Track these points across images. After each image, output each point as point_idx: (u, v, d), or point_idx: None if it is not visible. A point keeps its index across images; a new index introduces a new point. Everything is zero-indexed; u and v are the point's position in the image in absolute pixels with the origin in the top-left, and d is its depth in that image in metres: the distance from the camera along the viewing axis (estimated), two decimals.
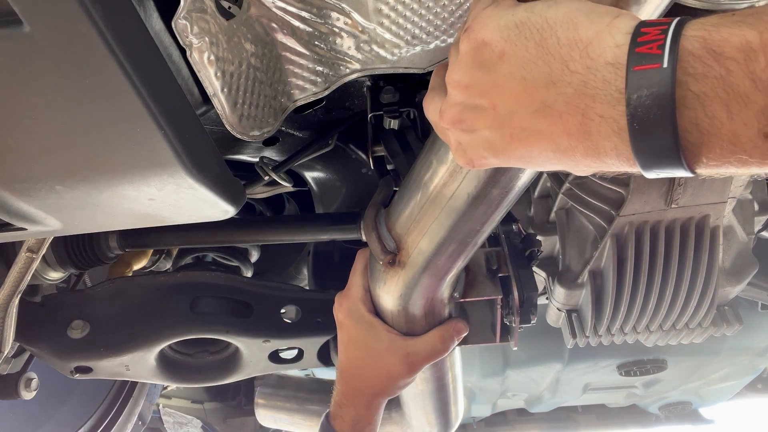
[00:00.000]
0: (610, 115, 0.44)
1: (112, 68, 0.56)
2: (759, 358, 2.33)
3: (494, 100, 0.50)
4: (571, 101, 0.46)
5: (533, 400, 2.67)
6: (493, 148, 0.53)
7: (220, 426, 3.27)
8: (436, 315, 1.02)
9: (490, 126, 0.52)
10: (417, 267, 0.93)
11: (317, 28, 0.82)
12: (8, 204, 0.74)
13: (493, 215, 0.83)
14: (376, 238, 0.95)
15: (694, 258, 1.18)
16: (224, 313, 1.52)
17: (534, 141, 0.50)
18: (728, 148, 0.41)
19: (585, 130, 0.46)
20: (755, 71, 0.38)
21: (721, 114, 0.40)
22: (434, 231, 0.87)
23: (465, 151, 0.56)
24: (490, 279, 1.06)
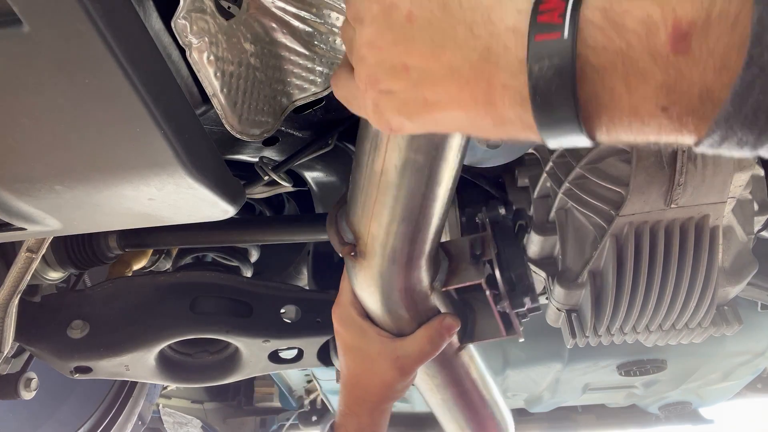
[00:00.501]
0: (512, 85, 0.44)
1: (111, 68, 0.56)
2: (759, 358, 2.33)
3: (406, 62, 0.49)
4: (477, 67, 0.45)
5: (533, 400, 2.67)
6: (408, 111, 0.52)
7: (220, 426, 3.27)
8: (420, 308, 1.00)
9: (405, 88, 0.51)
10: (376, 255, 0.90)
11: (317, 28, 0.82)
12: (8, 204, 0.74)
13: (431, 186, 0.79)
14: (334, 232, 0.94)
15: (693, 258, 1.18)
16: (224, 313, 1.52)
17: (446, 107, 0.49)
18: (627, 119, 0.41)
19: (490, 100, 0.46)
20: (655, 46, 0.38)
21: (620, 88, 0.40)
22: (379, 212, 0.84)
23: (382, 114, 0.55)
24: (473, 264, 1.02)
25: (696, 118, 0.39)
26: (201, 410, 3.24)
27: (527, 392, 2.59)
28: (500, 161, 1.22)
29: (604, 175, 1.16)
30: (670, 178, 1.07)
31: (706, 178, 1.07)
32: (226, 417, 3.26)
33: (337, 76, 0.63)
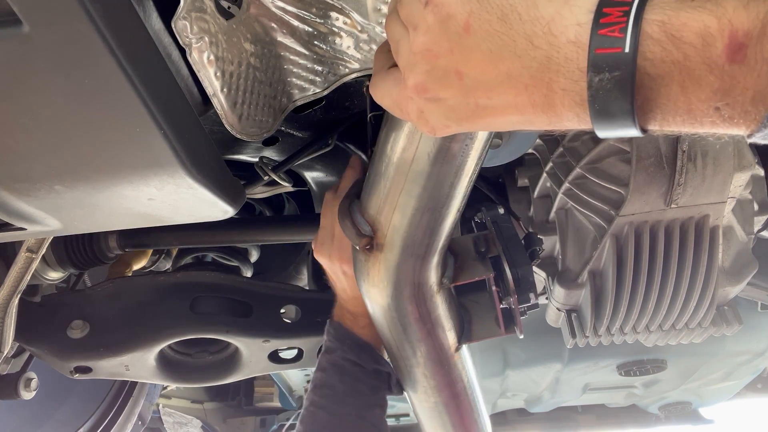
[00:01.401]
0: (572, 89, 0.45)
1: (111, 68, 0.56)
2: (759, 358, 2.33)
3: (461, 69, 0.50)
4: (536, 75, 0.47)
5: (533, 400, 2.67)
6: (457, 117, 0.54)
7: (219, 426, 3.27)
8: (427, 305, 1.00)
9: (456, 95, 0.52)
10: (396, 247, 0.90)
11: (317, 28, 0.82)
12: (8, 204, 0.74)
13: (459, 174, 0.80)
14: (350, 224, 0.93)
15: (693, 258, 1.18)
16: (224, 313, 1.52)
17: (499, 111, 0.51)
18: (681, 117, 0.43)
19: (549, 102, 0.47)
20: (711, 57, 0.40)
21: (676, 92, 0.42)
22: (404, 202, 0.84)
23: (428, 120, 0.56)
24: (479, 260, 1.03)
25: (747, 119, 0.41)
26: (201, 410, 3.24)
27: (527, 392, 2.59)
28: (500, 161, 1.22)
29: (604, 175, 1.16)
30: (670, 178, 1.07)
31: (706, 178, 1.07)
32: (226, 417, 3.26)
33: (378, 81, 0.63)
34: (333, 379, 1.11)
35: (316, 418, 1.09)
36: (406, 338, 1.06)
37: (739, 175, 1.10)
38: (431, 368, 1.14)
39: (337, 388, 1.10)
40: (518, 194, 1.45)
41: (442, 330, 1.07)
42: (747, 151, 1.12)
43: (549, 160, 1.28)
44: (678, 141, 1.05)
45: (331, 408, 1.09)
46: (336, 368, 1.11)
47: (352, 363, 1.11)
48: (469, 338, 1.11)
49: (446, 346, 1.10)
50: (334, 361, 1.12)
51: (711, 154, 1.06)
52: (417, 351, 1.08)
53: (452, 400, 1.21)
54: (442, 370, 1.14)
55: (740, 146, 1.10)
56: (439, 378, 1.16)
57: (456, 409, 1.23)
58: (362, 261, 0.96)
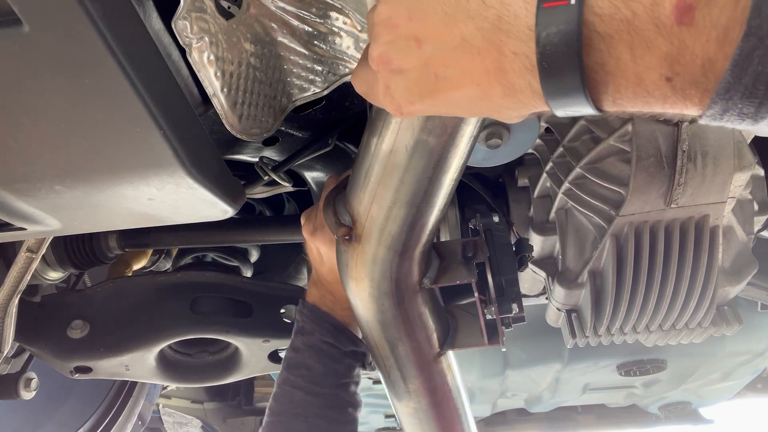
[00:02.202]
0: (522, 51, 0.45)
1: (111, 68, 0.56)
2: (759, 358, 2.33)
3: (420, 36, 0.50)
4: (488, 36, 0.46)
5: (533, 400, 2.67)
6: (419, 91, 0.53)
7: (220, 426, 3.26)
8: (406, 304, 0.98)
9: (416, 65, 0.51)
10: (372, 240, 0.89)
11: (316, 28, 0.82)
12: (8, 204, 0.74)
13: (438, 170, 0.79)
14: (331, 213, 0.93)
15: (693, 258, 1.18)
16: (224, 313, 1.52)
17: (457, 82, 0.50)
18: (632, 89, 0.42)
19: (501, 67, 0.46)
20: (660, 17, 0.39)
21: (625, 56, 0.41)
22: (382, 194, 0.84)
23: (393, 96, 0.56)
24: (464, 265, 1.01)
25: (699, 90, 0.40)
26: (201, 410, 3.24)
27: (527, 392, 2.59)
28: (500, 161, 1.23)
29: (604, 175, 1.16)
30: (670, 178, 1.07)
31: (706, 178, 1.07)
32: (226, 417, 3.25)
33: (356, 70, 0.63)
34: (309, 360, 1.12)
35: (292, 397, 1.10)
36: (384, 336, 1.05)
37: (739, 175, 1.10)
38: (410, 371, 1.11)
39: (314, 368, 1.11)
40: (518, 194, 1.45)
41: (422, 332, 1.05)
42: (747, 151, 1.12)
43: (549, 160, 1.28)
44: (678, 141, 1.05)
45: (307, 388, 1.10)
46: (313, 350, 1.12)
47: (329, 345, 1.12)
48: (452, 345, 1.10)
49: (426, 350, 1.08)
50: (311, 342, 1.13)
51: (711, 154, 1.06)
52: (395, 351, 1.07)
53: (433, 408, 1.18)
54: (422, 375, 1.12)
55: (740, 146, 1.10)
56: (419, 383, 1.13)
57: (437, 418, 1.19)
58: (342, 252, 0.96)
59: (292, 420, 1.09)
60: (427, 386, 1.14)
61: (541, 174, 1.33)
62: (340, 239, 0.93)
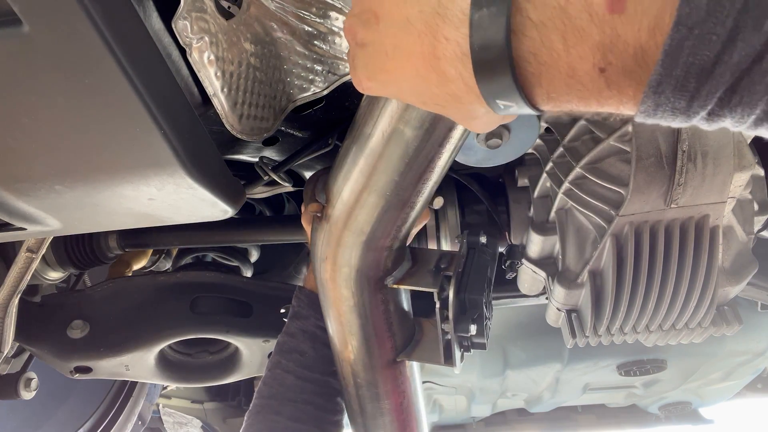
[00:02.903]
0: (454, 37, 0.44)
1: (111, 68, 0.56)
2: (759, 358, 2.33)
3: (377, 11, 0.50)
4: (428, 20, 0.45)
5: (533, 400, 2.67)
6: (373, 66, 0.53)
7: (219, 426, 3.26)
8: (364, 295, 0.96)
9: (374, 40, 0.52)
10: (340, 221, 0.89)
11: (316, 28, 0.82)
12: (8, 204, 0.74)
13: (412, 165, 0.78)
14: (310, 189, 0.94)
15: (693, 258, 1.18)
16: (224, 313, 1.52)
17: (401, 62, 0.49)
18: (566, 81, 0.41)
19: (434, 53, 0.46)
20: (593, 4, 0.38)
21: (558, 45, 0.40)
22: (355, 178, 0.84)
23: (356, 69, 0.56)
24: (431, 273, 0.99)
25: (633, 82, 0.39)
26: (201, 410, 3.24)
27: (527, 392, 2.59)
28: (500, 161, 1.23)
29: (604, 175, 1.16)
30: (670, 178, 1.07)
31: (706, 178, 1.07)
32: (226, 417, 3.25)
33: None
34: (304, 345, 1.13)
35: (283, 381, 1.11)
36: (339, 325, 1.03)
37: (739, 175, 1.10)
38: (361, 371, 1.09)
39: (307, 353, 1.12)
40: (518, 194, 1.45)
41: (379, 331, 1.04)
42: (747, 151, 1.12)
43: (549, 160, 1.28)
44: (678, 141, 1.05)
45: (299, 372, 1.11)
46: (307, 335, 1.14)
47: (324, 330, 1.12)
48: (408, 355, 1.08)
49: (379, 353, 1.06)
50: (306, 327, 1.14)
51: (711, 154, 1.06)
52: (348, 343, 1.05)
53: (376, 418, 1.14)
54: (372, 378, 1.09)
55: (740, 146, 1.10)
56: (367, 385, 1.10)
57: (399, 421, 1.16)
58: (314, 229, 0.96)
59: (281, 404, 1.09)
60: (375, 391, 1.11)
61: (541, 174, 1.33)
62: (311, 215, 0.93)
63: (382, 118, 0.75)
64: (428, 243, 1.48)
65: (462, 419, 2.93)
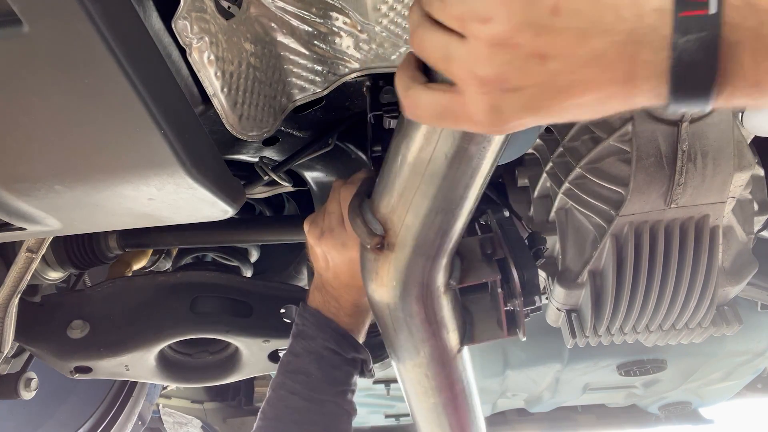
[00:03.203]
0: (654, 60, 0.46)
1: (111, 68, 0.56)
2: (759, 358, 2.33)
3: (546, 52, 0.49)
4: (620, 49, 0.47)
5: (533, 400, 2.67)
6: (534, 104, 0.52)
7: (219, 426, 3.27)
8: (434, 306, 0.99)
9: (537, 81, 0.51)
10: (407, 247, 0.89)
11: (316, 28, 0.82)
12: (8, 204, 0.74)
13: (474, 176, 0.80)
14: (362, 223, 0.92)
15: (693, 258, 1.18)
16: (224, 313, 1.52)
17: (579, 92, 0.50)
18: (749, 90, 0.45)
19: (630, 77, 0.48)
20: None
21: (748, 61, 0.44)
22: (418, 203, 0.84)
23: (501, 113, 0.54)
24: (486, 262, 1.02)
25: None
26: (201, 410, 3.24)
27: (527, 392, 2.59)
28: (501, 161, 1.22)
29: (604, 175, 1.16)
30: (670, 178, 1.07)
31: (706, 178, 1.07)
32: (226, 417, 3.25)
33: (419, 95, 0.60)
34: (310, 366, 1.10)
35: (289, 403, 1.09)
36: (411, 339, 1.06)
37: (739, 175, 1.10)
38: (434, 369, 1.13)
39: (314, 375, 1.10)
40: (518, 194, 1.45)
41: (446, 331, 1.06)
42: (747, 151, 1.12)
43: (549, 160, 1.28)
44: (678, 141, 1.05)
45: (305, 394, 1.09)
46: (313, 355, 1.11)
47: (331, 351, 1.11)
48: (472, 340, 1.11)
49: (449, 348, 1.09)
50: (312, 348, 1.12)
51: (711, 154, 1.06)
52: (421, 351, 1.08)
53: (451, 402, 1.20)
54: (443, 371, 1.13)
55: (740, 146, 1.10)
56: (441, 379, 1.15)
57: (454, 410, 1.22)
58: (371, 260, 0.96)
59: (286, 426, 1.08)
60: (447, 381, 1.16)
61: (541, 174, 1.33)
62: (372, 249, 0.93)
63: (444, 140, 0.75)
64: None
65: None
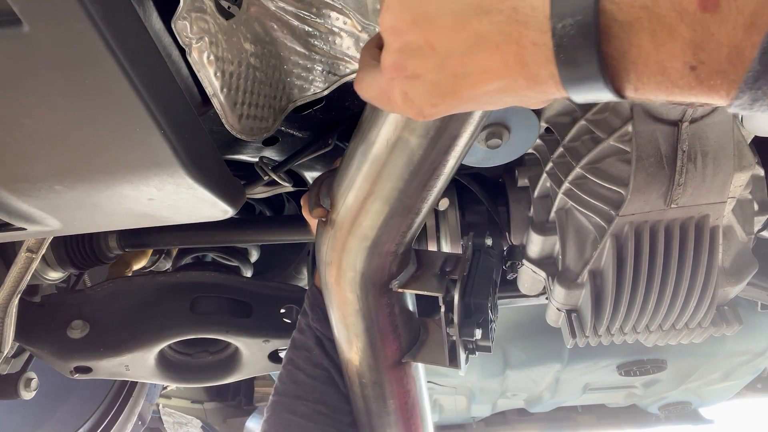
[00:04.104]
0: (542, 41, 0.43)
1: (111, 68, 0.56)
2: (759, 358, 2.33)
3: (430, 39, 0.49)
4: (505, 30, 0.45)
5: (533, 400, 2.67)
6: (440, 92, 0.52)
7: (219, 426, 3.27)
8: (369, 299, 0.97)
9: (433, 68, 0.50)
10: (345, 227, 0.89)
11: (317, 28, 0.82)
12: (8, 204, 0.74)
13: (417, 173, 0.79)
14: (314, 194, 0.93)
15: (693, 258, 1.17)
16: (224, 313, 1.52)
17: (477, 79, 0.49)
18: (655, 77, 0.41)
19: (522, 61, 0.45)
20: (682, 2, 0.37)
21: (647, 44, 0.40)
22: (359, 184, 0.84)
23: (413, 101, 0.54)
24: (437, 277, 0.99)
25: (725, 81, 0.38)
26: (201, 410, 3.24)
27: (527, 392, 2.59)
28: (500, 161, 1.22)
29: (604, 175, 1.16)
30: (670, 178, 1.07)
31: (706, 178, 1.07)
32: (226, 417, 3.25)
33: (361, 77, 0.61)
34: (309, 341, 1.13)
35: (295, 378, 1.12)
36: (344, 327, 1.04)
37: (739, 175, 1.10)
38: (366, 371, 1.10)
39: (314, 351, 1.13)
40: (518, 194, 1.45)
41: (384, 334, 1.04)
42: (747, 151, 1.12)
43: (549, 160, 1.28)
44: (678, 141, 1.05)
45: (309, 370, 1.12)
46: (311, 332, 1.14)
47: (320, 332, 1.13)
48: (414, 357, 1.08)
49: (385, 354, 1.06)
50: (310, 324, 1.15)
51: (711, 154, 1.06)
52: (353, 345, 1.06)
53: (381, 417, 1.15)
54: (378, 378, 1.09)
55: (740, 146, 1.10)
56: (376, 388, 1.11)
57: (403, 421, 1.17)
58: (319, 233, 0.96)
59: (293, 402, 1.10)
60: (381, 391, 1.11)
61: (541, 174, 1.33)
62: (316, 219, 0.94)
63: (386, 125, 0.75)
64: (428, 243, 1.47)
65: (462, 419, 2.93)
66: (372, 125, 0.78)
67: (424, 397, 1.20)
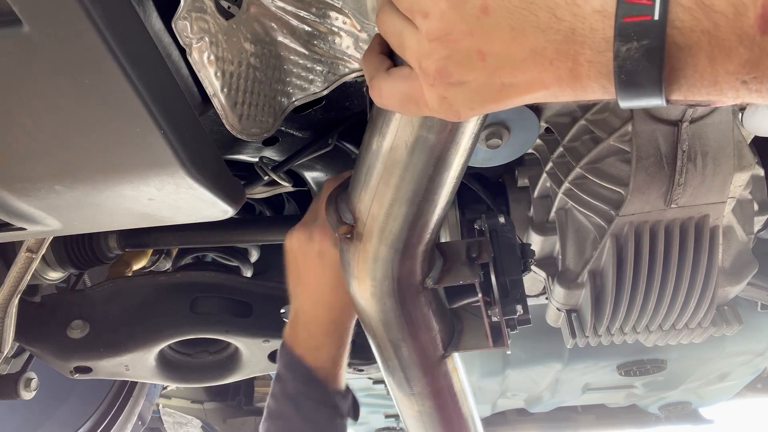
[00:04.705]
0: (598, 60, 0.45)
1: (111, 68, 0.56)
2: (759, 358, 2.33)
3: (483, 49, 0.50)
4: (561, 48, 0.46)
5: (533, 400, 2.67)
6: (482, 98, 0.53)
7: (220, 426, 3.27)
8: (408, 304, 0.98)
9: (480, 76, 0.51)
10: (374, 237, 0.89)
11: (316, 28, 0.82)
12: (8, 204, 0.74)
13: (439, 168, 0.79)
14: (333, 211, 0.93)
15: (693, 258, 1.18)
16: (224, 313, 1.52)
17: (525, 88, 0.50)
18: (707, 89, 0.43)
19: (575, 76, 0.47)
20: (743, 26, 0.39)
21: (704, 63, 0.41)
22: (382, 192, 0.84)
23: (451, 106, 0.55)
24: (467, 265, 1.00)
25: None
26: (201, 410, 3.24)
27: (527, 392, 2.59)
28: (501, 161, 1.23)
29: (604, 175, 1.16)
30: (670, 178, 1.07)
31: (706, 178, 1.07)
32: (226, 417, 3.25)
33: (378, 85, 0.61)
34: (288, 409, 1.05)
35: None
36: (387, 336, 1.04)
37: (739, 175, 1.10)
38: (413, 373, 1.09)
39: (293, 419, 1.05)
40: (518, 194, 1.45)
41: (426, 333, 1.04)
42: (747, 151, 1.12)
43: (549, 160, 1.28)
44: (678, 141, 1.05)
45: None
46: (289, 399, 1.06)
47: (303, 395, 1.05)
48: (457, 347, 1.09)
49: (430, 352, 1.07)
50: (287, 391, 1.06)
51: (711, 154, 1.06)
52: (399, 352, 1.06)
53: (438, 411, 1.16)
54: (425, 378, 1.10)
55: (740, 146, 1.10)
56: (423, 385, 1.11)
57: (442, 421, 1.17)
58: (344, 251, 0.96)
59: None
60: (431, 389, 1.12)
61: (541, 174, 1.33)
62: (342, 237, 0.93)
63: (403, 128, 0.75)
64: None
65: None
66: (386, 131, 0.78)
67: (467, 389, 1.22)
